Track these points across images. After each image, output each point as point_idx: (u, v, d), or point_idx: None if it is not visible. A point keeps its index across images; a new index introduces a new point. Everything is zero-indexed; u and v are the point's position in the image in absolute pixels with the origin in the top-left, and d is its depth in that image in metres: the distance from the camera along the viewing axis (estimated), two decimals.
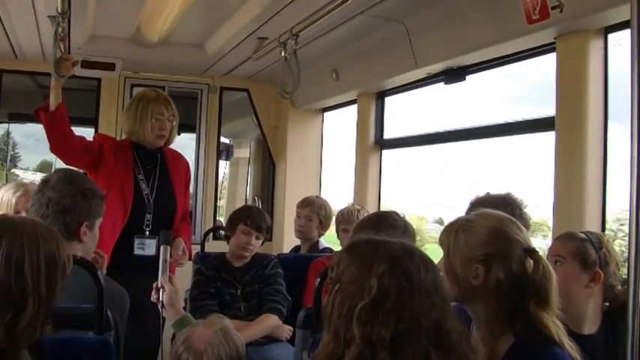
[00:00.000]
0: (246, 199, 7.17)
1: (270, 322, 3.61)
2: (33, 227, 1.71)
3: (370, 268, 1.59)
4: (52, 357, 1.82)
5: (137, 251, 3.63)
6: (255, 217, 3.72)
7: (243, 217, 3.75)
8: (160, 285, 2.62)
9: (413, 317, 1.56)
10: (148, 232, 3.65)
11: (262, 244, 3.83)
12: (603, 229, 2.86)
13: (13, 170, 8.85)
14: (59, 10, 3.17)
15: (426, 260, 1.65)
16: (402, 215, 3.00)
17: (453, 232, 1.93)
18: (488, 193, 2.88)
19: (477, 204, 2.71)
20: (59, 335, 2.07)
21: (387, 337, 1.54)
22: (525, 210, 2.77)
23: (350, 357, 1.55)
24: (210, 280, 3.68)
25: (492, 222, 1.92)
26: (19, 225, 1.69)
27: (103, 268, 2.60)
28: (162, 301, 2.60)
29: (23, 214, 3.21)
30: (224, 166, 7.31)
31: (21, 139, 8.57)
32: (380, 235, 1.72)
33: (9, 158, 8.68)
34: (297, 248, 4.60)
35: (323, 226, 4.41)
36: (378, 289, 1.56)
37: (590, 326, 2.33)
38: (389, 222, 2.86)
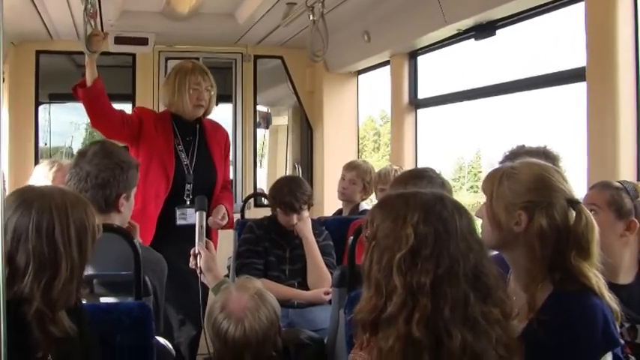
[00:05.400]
0: (286, 165, 7.21)
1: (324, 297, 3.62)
2: (61, 195, 1.74)
3: (405, 218, 1.61)
4: (94, 322, 1.90)
5: (179, 222, 3.68)
6: (287, 201, 3.60)
7: (277, 201, 3.65)
8: (197, 251, 2.65)
9: (451, 261, 1.58)
10: (188, 202, 3.69)
11: (309, 209, 3.75)
12: (639, 178, 2.82)
13: None
14: None
15: (458, 206, 1.67)
16: (438, 172, 2.99)
17: (497, 179, 1.92)
18: (523, 145, 2.87)
19: (512, 156, 2.70)
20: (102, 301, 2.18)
21: (428, 282, 1.56)
22: (561, 164, 2.75)
23: (393, 306, 1.58)
24: (259, 238, 3.67)
25: (537, 170, 1.90)
26: (47, 194, 1.73)
27: (136, 235, 2.64)
28: (200, 267, 2.63)
29: None
30: (264, 134, 7.36)
31: None
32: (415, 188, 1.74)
33: None
34: (339, 212, 4.60)
35: (366, 191, 4.38)
36: (415, 238, 1.58)
37: (625, 275, 2.32)
38: (425, 178, 2.84)
